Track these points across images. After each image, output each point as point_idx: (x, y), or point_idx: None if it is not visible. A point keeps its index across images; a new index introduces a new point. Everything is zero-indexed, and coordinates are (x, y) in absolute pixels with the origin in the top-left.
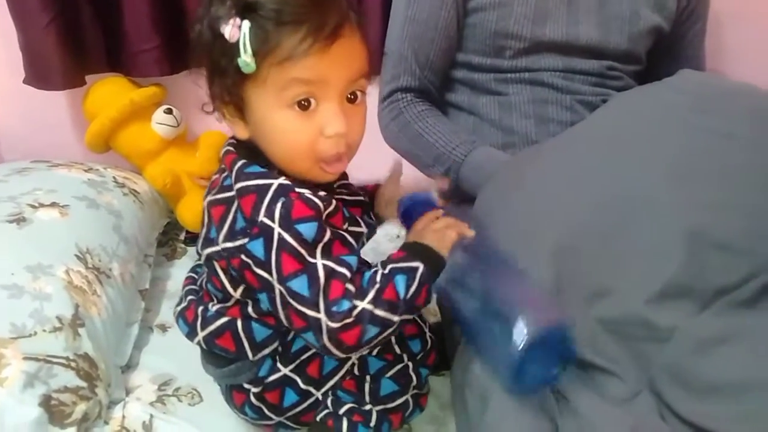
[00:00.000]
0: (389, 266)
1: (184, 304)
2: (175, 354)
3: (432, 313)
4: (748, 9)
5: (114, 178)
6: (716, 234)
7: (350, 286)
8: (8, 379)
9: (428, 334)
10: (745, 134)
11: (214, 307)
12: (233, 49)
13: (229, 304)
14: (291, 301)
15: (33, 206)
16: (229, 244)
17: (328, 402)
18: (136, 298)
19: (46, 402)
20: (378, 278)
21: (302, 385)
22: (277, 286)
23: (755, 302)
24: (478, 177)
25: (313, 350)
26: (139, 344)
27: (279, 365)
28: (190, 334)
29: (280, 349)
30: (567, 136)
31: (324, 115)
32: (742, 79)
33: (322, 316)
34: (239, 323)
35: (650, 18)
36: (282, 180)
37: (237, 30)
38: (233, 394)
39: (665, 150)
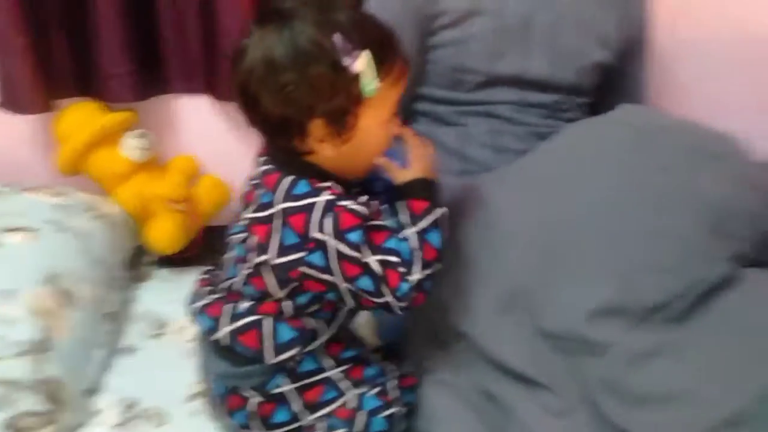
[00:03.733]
0: (420, 225)
1: (206, 301)
2: (140, 376)
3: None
4: (692, 46)
5: (83, 201)
6: (649, 258)
7: (402, 269)
8: None
9: None
10: (679, 167)
11: (243, 305)
12: (353, 79)
13: (262, 303)
14: (360, 295)
15: (2, 230)
16: (284, 259)
17: (319, 428)
18: (104, 320)
19: (11, 426)
20: (416, 243)
21: (296, 408)
22: (344, 285)
23: (684, 318)
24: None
25: (319, 377)
26: (105, 367)
27: (285, 380)
28: (211, 330)
29: (291, 365)
30: (514, 168)
31: (394, 122)
32: (686, 115)
33: (389, 299)
34: (267, 322)
35: (596, 53)
36: (326, 196)
37: (361, 61)
38: (229, 397)
39: (605, 183)
